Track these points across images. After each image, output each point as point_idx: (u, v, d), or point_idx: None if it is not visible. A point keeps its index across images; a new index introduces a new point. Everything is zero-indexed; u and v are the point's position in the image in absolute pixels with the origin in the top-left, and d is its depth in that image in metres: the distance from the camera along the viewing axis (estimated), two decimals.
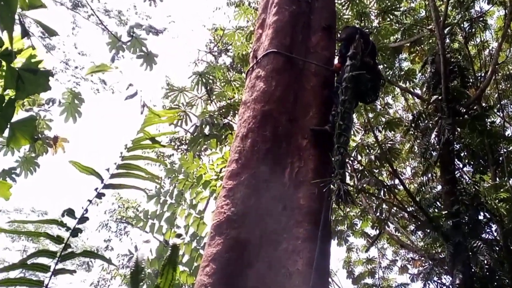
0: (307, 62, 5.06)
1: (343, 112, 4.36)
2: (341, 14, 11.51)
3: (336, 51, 5.77)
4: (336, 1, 8.84)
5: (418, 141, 11.18)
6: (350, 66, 4.64)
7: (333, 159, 4.15)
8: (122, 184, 2.03)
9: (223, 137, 9.08)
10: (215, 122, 9.49)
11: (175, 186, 6.09)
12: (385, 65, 11.60)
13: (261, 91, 4.69)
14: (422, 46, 12.28)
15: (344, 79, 4.58)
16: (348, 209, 13.96)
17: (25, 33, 2.55)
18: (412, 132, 11.22)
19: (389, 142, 12.37)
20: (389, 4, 11.90)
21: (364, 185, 11.81)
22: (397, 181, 12.90)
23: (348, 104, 4.43)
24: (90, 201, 1.93)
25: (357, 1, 11.37)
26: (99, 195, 1.97)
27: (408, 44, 12.19)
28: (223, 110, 10.44)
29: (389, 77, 11.84)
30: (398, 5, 12.12)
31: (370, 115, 12.09)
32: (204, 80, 9.72)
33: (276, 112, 4.51)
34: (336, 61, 5.28)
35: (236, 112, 9.92)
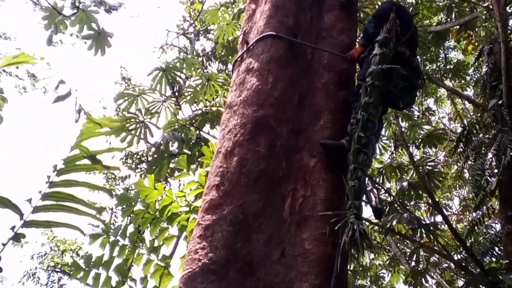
0: (317, 50, 5.08)
1: (365, 119, 4.35)
2: None
3: (358, 34, 5.81)
4: None
5: (470, 162, 11.22)
6: (378, 56, 4.63)
7: (347, 185, 4.11)
8: (49, 221, 1.98)
9: (197, 155, 9.06)
10: (186, 136, 9.45)
11: (130, 221, 6.02)
12: (425, 57, 11.73)
13: (254, 89, 4.70)
14: (476, 30, 12.45)
15: (368, 73, 4.58)
16: (371, 257, 13.94)
17: None
18: (461, 150, 11.23)
19: (429, 163, 12.43)
20: None
21: (394, 223, 11.78)
22: (439, 218, 12.91)
23: (373, 109, 4.42)
24: (5, 245, 1.88)
25: None
26: (17, 237, 1.91)
27: (457, 28, 12.33)
28: (198, 118, 10.41)
29: (430, 73, 11.94)
30: None
31: (404, 125, 12.16)
32: (170, 78, 9.72)
33: (274, 120, 4.53)
34: (357, 46, 5.31)
35: (217, 121, 9.90)
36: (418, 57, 5.63)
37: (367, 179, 4.39)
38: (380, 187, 12.24)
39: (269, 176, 4.25)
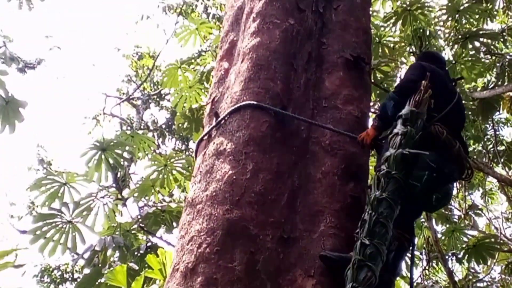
0: (315, 127, 5.13)
1: (373, 222, 4.33)
2: (382, 35, 11.83)
3: (373, 104, 5.88)
4: (372, 14, 9.19)
5: None
6: (400, 137, 4.65)
7: None
8: None
9: (144, 269, 8.95)
10: (132, 244, 9.39)
11: None
12: (467, 134, 11.84)
13: (226, 181, 4.73)
14: None
15: (384, 159, 4.58)
16: None
17: None
18: None
19: (477, 285, 12.35)
20: (474, 23, 12.24)
21: None
22: None
23: (386, 208, 4.39)
24: None
25: (414, 13, 11.69)
26: None
27: (511, 94, 12.48)
28: (149, 219, 10.33)
29: (474, 157, 12.06)
30: (486, 24, 12.51)
31: (439, 229, 12.15)
32: (111, 161, 9.64)
33: (255, 224, 4.52)
34: (370, 128, 5.32)
35: (176, 222, 9.83)
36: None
37: None
38: None
39: None
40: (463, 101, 6.11)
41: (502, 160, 12.65)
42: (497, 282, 14.27)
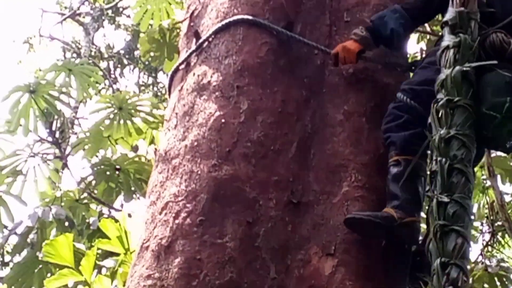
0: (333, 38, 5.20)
1: (448, 171, 4.26)
2: None
3: None
4: None
5: None
6: (454, 49, 4.61)
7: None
8: None
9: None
10: (80, 216, 9.42)
11: None
12: None
13: (211, 126, 4.78)
14: None
15: (439, 85, 4.54)
16: None
17: None
18: None
19: None
20: None
21: None
22: None
23: (461, 150, 4.34)
24: None
25: None
26: None
27: None
28: (99, 183, 10.32)
29: None
30: None
31: (509, 188, 12.25)
32: (45, 106, 9.57)
33: (253, 187, 4.59)
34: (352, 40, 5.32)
35: (138, 188, 9.85)
36: None
37: None
38: None
39: None
40: None
41: None
42: None
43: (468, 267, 4.04)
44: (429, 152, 4.50)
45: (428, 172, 4.46)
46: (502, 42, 4.71)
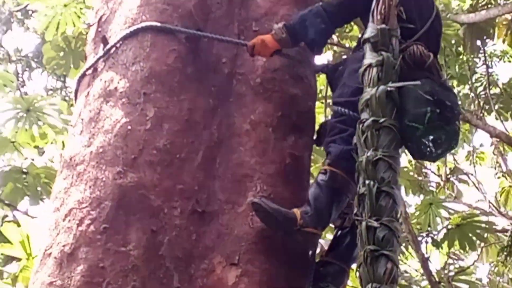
0: (240, 60, 5.20)
1: (376, 194, 4.28)
2: None
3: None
4: None
5: None
6: (377, 69, 4.64)
7: None
8: None
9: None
10: None
11: None
12: (448, 71, 11.94)
13: (117, 133, 4.74)
14: None
15: (363, 104, 4.56)
16: None
17: None
18: None
19: (459, 277, 12.63)
20: None
21: None
22: None
23: (388, 172, 4.37)
24: None
25: None
26: None
27: (509, 18, 12.59)
28: (7, 182, 10.25)
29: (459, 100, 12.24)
30: None
31: (411, 201, 12.36)
32: None
33: (158, 195, 4.57)
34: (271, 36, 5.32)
35: (47, 193, 9.78)
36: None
37: None
38: None
39: None
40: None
41: (495, 107, 12.67)
42: (488, 274, 14.54)
43: None
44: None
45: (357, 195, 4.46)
46: (422, 55, 4.82)
